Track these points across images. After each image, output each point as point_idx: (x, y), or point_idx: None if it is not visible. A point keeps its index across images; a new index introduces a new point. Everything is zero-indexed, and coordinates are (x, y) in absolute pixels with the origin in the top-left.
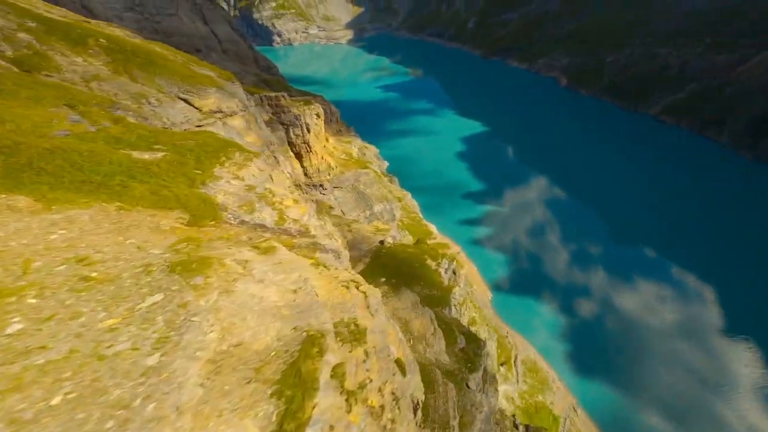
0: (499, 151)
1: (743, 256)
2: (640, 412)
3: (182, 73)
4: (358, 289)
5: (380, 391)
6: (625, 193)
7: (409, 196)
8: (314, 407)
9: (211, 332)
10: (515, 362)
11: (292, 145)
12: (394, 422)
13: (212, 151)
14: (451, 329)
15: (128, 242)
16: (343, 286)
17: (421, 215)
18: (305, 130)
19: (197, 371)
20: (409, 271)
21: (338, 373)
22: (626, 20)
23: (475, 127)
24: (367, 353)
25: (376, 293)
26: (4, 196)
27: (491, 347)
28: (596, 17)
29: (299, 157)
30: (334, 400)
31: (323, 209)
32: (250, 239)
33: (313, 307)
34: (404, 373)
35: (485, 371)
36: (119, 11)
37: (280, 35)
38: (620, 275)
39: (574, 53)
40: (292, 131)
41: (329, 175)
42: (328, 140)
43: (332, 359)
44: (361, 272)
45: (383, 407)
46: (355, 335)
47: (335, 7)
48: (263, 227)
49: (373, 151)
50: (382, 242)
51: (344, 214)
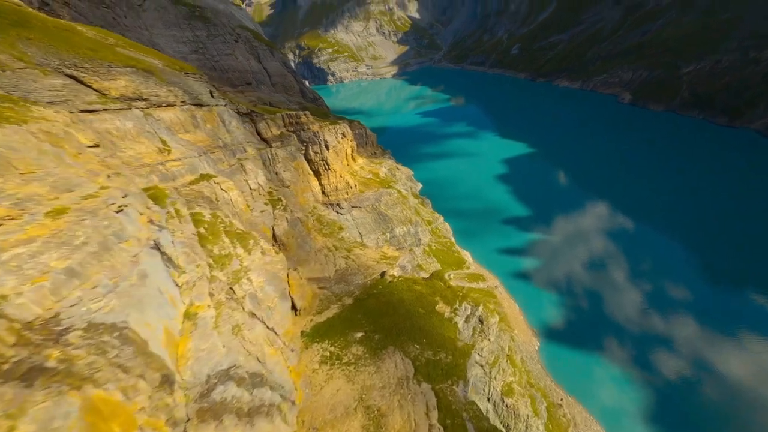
0: (547, 173)
1: None
2: None
3: (81, 45)
4: None
5: None
6: (720, 220)
7: (441, 219)
8: None
9: None
10: None
11: (310, 162)
12: None
13: None
14: (461, 425)
15: None
16: None
17: (453, 240)
18: (323, 147)
19: None
20: (406, 320)
21: None
22: (706, 27)
23: (518, 148)
24: None
25: None
26: None
27: (536, 427)
28: (665, 28)
29: (317, 174)
30: None
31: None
32: None
33: None
34: None
35: None
36: (186, 53)
37: (333, 75)
38: (719, 327)
39: (638, 67)
40: (311, 148)
41: (347, 194)
42: (355, 160)
43: None
44: (329, 320)
45: None
46: None
47: (382, 48)
48: None
49: (405, 172)
50: (383, 274)
51: (361, 236)
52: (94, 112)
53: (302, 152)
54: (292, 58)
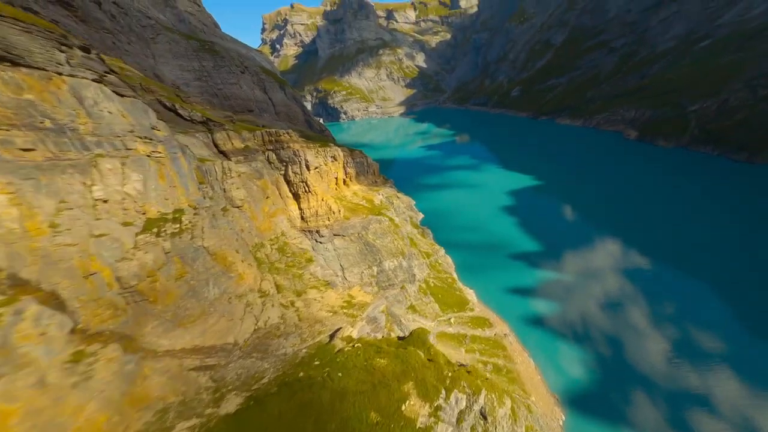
0: (555, 207)
1: None
2: None
3: None
4: None
5: None
6: (749, 261)
7: (442, 252)
8: None
9: None
10: None
11: (290, 184)
12: None
13: None
14: None
15: None
16: None
17: (455, 276)
18: (304, 167)
19: None
20: None
21: None
22: (704, 71)
23: (523, 181)
24: None
25: None
26: None
27: None
28: (663, 73)
29: (297, 197)
30: None
31: None
32: None
33: None
34: None
35: None
36: (189, 80)
37: (345, 113)
38: (762, 381)
39: (642, 106)
40: (290, 168)
41: (329, 220)
42: (348, 186)
43: None
44: None
45: None
46: None
47: (391, 91)
48: None
49: (405, 201)
50: (333, 336)
51: (343, 269)
52: None
53: (281, 172)
54: (309, 99)
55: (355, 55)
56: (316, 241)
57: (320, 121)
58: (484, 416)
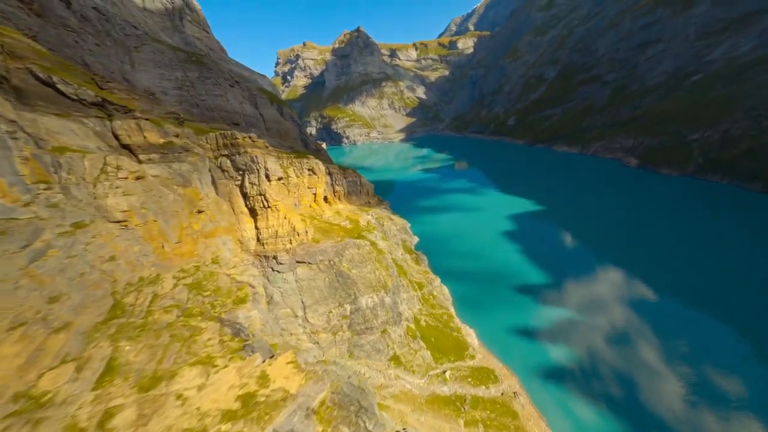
0: (559, 234)
1: None
2: None
3: None
4: None
5: None
6: None
7: (437, 282)
8: None
9: None
10: None
11: (246, 197)
12: None
13: None
14: None
15: None
16: None
17: (452, 311)
18: (263, 177)
19: None
20: None
21: None
22: (698, 102)
23: (524, 206)
24: None
25: None
26: None
27: None
28: (657, 105)
29: (253, 214)
30: None
31: None
32: None
33: None
34: None
35: None
36: (168, 89)
37: (348, 138)
38: None
39: (639, 134)
40: (247, 178)
41: (291, 242)
42: (330, 204)
43: None
44: None
45: None
46: None
47: (392, 119)
48: None
49: (399, 223)
50: None
51: (304, 307)
52: None
53: (237, 182)
54: (314, 124)
55: (359, 86)
56: (272, 269)
57: (323, 144)
58: None
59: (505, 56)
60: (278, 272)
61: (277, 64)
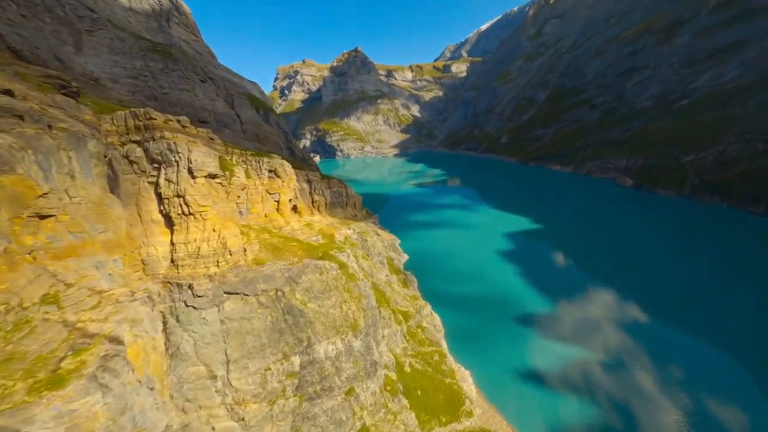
0: (557, 254)
1: None
2: None
3: None
4: None
5: None
6: None
7: (428, 309)
8: None
9: None
10: None
11: (161, 200)
12: None
13: None
14: None
15: None
16: None
17: (444, 348)
18: (184, 173)
19: None
20: None
21: None
22: (687, 126)
23: (521, 224)
24: None
25: None
26: None
27: None
28: (647, 127)
29: (170, 223)
30: None
31: None
32: None
33: None
34: None
35: None
36: (120, 77)
37: (341, 151)
38: None
39: (633, 155)
40: (163, 173)
41: (218, 264)
42: (302, 213)
43: None
44: None
45: None
46: None
47: (387, 134)
48: None
49: (387, 239)
50: None
51: (228, 362)
52: None
53: (151, 179)
54: (309, 136)
55: (355, 102)
56: (185, 304)
57: (316, 157)
58: None
59: (496, 79)
60: (194, 308)
61: (276, 78)
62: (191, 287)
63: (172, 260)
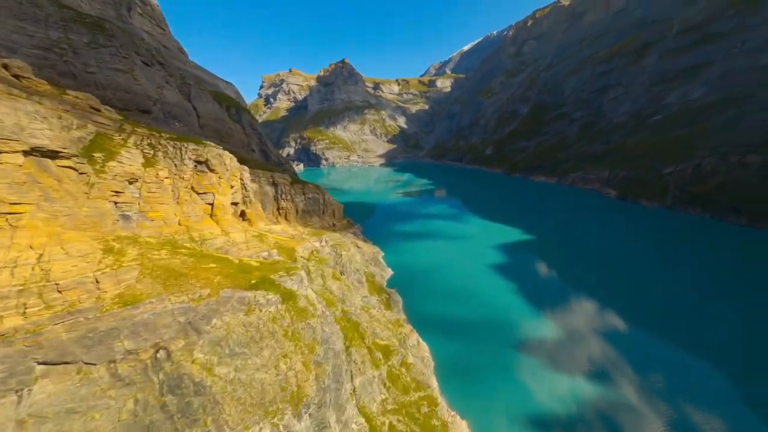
0: (553, 268)
1: None
2: None
3: None
4: None
5: None
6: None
7: (414, 338)
8: None
9: None
10: None
11: None
12: None
13: None
14: None
15: None
16: None
17: (435, 388)
18: None
19: None
20: None
21: None
22: (663, 139)
23: (511, 234)
24: None
25: None
26: None
27: None
28: (625, 141)
29: None
30: None
31: None
32: None
33: None
34: None
35: None
36: (21, 45)
37: (327, 159)
38: None
39: (615, 167)
40: None
41: (26, 311)
42: (249, 219)
43: None
44: None
45: None
46: None
47: (373, 144)
48: None
49: (369, 252)
50: None
51: None
52: None
53: None
54: (293, 144)
55: (341, 111)
56: None
57: (300, 165)
58: None
59: (479, 93)
60: None
61: (261, 86)
62: None
63: None
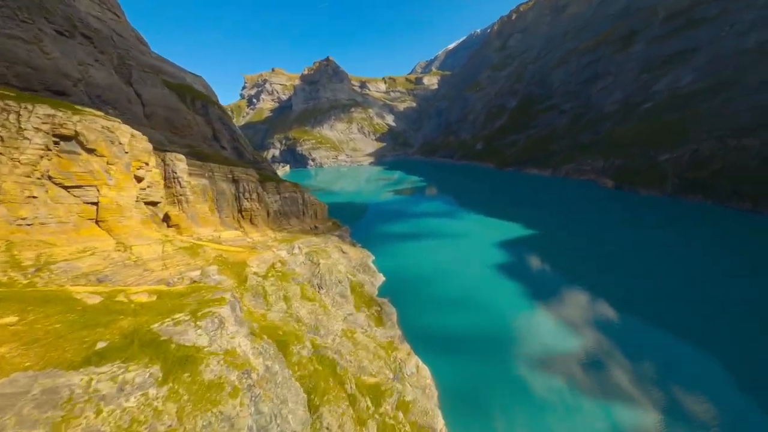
0: (554, 263)
1: None
2: None
3: None
4: None
5: None
6: None
7: (412, 363)
8: None
9: None
10: None
11: None
12: None
13: None
14: None
15: None
16: None
17: (440, 429)
18: None
19: None
20: None
21: None
22: (653, 127)
23: (511, 230)
24: None
25: None
26: None
27: None
28: (615, 129)
29: None
30: None
31: None
32: None
33: None
34: None
35: None
36: None
37: (314, 160)
38: None
39: (609, 156)
40: None
41: None
42: (176, 224)
43: None
44: None
45: None
46: None
47: (362, 142)
48: None
49: (356, 258)
50: None
51: None
52: None
53: None
54: (278, 146)
55: (327, 110)
56: None
57: (286, 167)
58: None
59: (466, 89)
60: None
61: (243, 87)
62: None
63: None
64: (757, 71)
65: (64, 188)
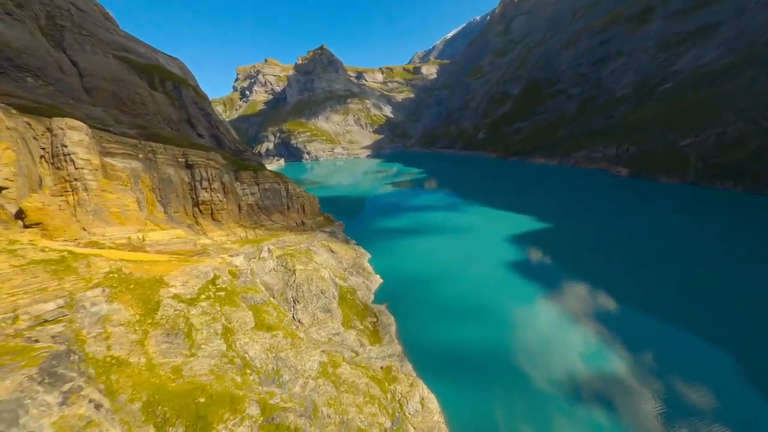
0: (575, 262)
1: None
2: None
3: None
4: None
5: None
6: None
7: (417, 395)
8: None
9: None
10: None
11: None
12: None
13: None
14: None
15: None
16: None
17: None
18: None
19: None
20: None
21: None
22: (673, 109)
23: (519, 224)
24: None
25: None
26: None
27: None
28: (629, 114)
29: None
30: None
31: None
32: None
33: None
34: None
35: None
36: None
37: (309, 153)
38: None
39: (623, 142)
40: None
41: None
42: (38, 224)
43: None
44: None
45: None
46: None
47: (359, 135)
48: None
49: (349, 257)
50: None
51: None
52: None
53: None
54: (272, 139)
55: (323, 101)
56: None
57: (281, 160)
58: None
59: (467, 74)
60: None
61: (236, 79)
62: None
63: None
64: None
65: None
